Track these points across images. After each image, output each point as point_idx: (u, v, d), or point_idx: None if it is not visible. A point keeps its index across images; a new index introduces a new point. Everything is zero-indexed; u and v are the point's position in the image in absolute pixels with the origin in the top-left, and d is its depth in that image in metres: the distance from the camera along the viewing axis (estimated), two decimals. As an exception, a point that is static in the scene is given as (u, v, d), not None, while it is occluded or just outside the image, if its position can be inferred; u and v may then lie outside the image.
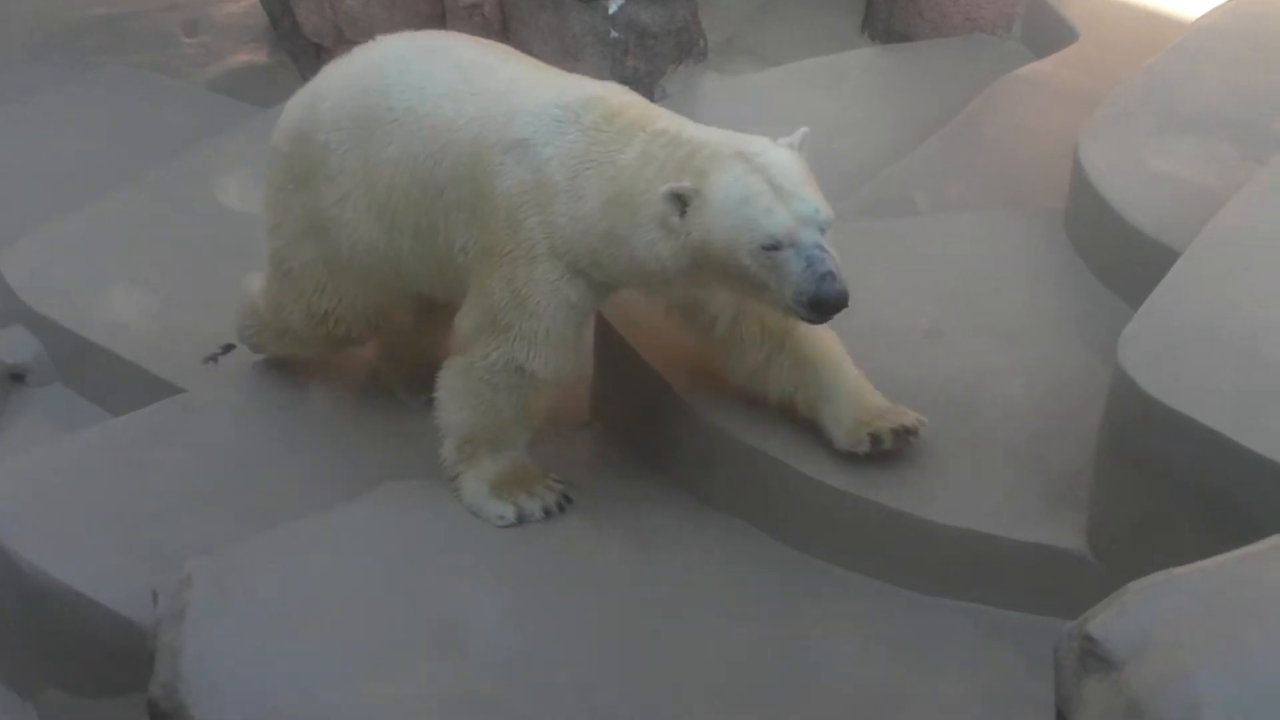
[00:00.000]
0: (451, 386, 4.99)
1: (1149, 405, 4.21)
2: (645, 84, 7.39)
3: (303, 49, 8.87)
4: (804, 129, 4.61)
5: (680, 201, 4.40)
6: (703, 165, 4.43)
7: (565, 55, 7.36)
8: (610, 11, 7.31)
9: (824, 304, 4.34)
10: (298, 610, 4.71)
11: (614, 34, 7.28)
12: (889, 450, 4.81)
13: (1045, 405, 5.10)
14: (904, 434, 4.82)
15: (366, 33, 7.76)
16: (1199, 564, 2.92)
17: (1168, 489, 4.27)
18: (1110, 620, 2.82)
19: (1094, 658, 2.78)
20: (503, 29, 7.75)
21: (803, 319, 4.50)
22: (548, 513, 4.99)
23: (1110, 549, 4.52)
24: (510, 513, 4.97)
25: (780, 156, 4.46)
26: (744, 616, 4.76)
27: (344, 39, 8.37)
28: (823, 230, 4.37)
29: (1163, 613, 2.77)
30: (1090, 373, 4.98)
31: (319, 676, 4.45)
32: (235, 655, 4.53)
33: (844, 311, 4.42)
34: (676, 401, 5.17)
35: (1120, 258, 5.60)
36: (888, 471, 4.83)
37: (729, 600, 4.83)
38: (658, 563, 4.93)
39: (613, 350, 5.37)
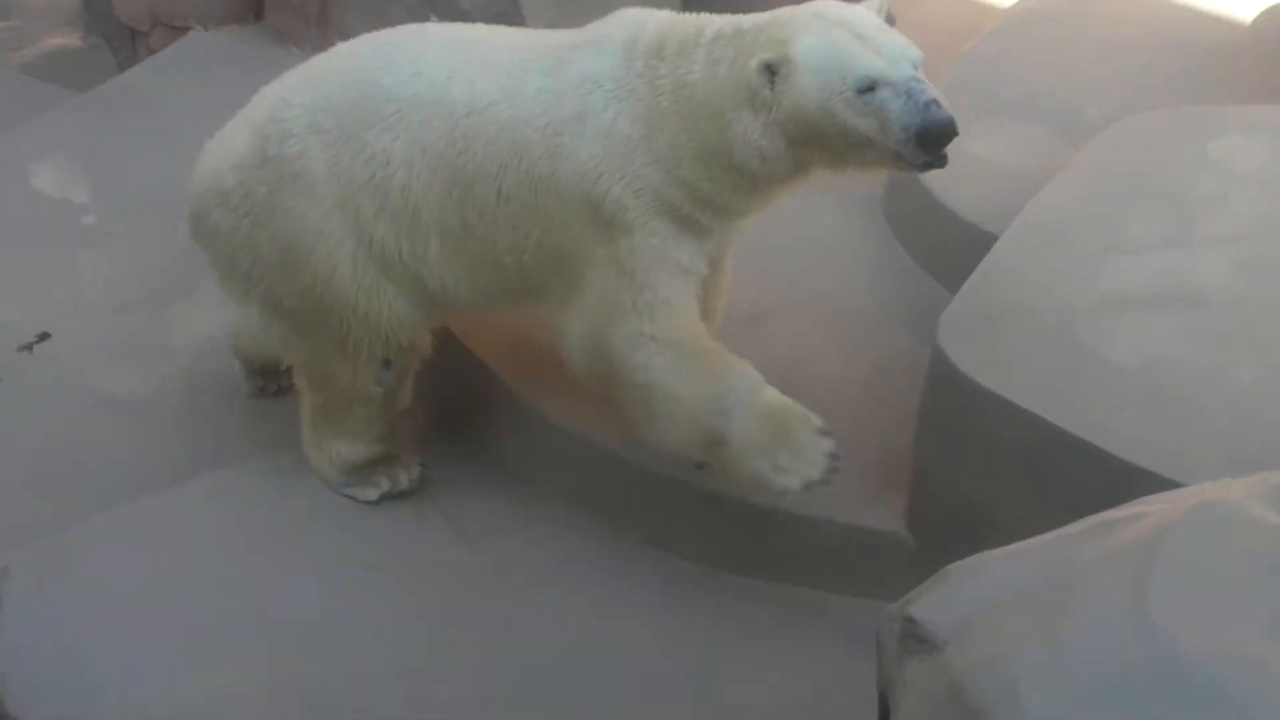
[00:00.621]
0: (637, 417, 4.59)
1: (967, 387, 4.28)
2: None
3: (117, 32, 8.71)
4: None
5: (769, 72, 4.18)
6: (781, 34, 4.21)
7: (385, 40, 7.31)
8: (430, -6, 7.26)
9: (932, 132, 4.06)
10: (117, 602, 4.64)
11: (433, 18, 7.23)
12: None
13: (865, 388, 5.16)
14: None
15: (181, 17, 7.69)
16: (1017, 545, 2.96)
17: (986, 470, 4.35)
18: (931, 602, 2.86)
19: (915, 640, 2.81)
20: (322, 13, 7.68)
21: (915, 164, 4.19)
22: (833, 470, 4.42)
23: (930, 531, 4.60)
24: (795, 483, 4.43)
25: (861, 12, 4.25)
26: (566, 604, 4.77)
27: (160, 23, 8.25)
28: (915, 66, 4.14)
29: (982, 593, 2.81)
30: (909, 355, 5.05)
31: (139, 668, 4.40)
32: (53, 649, 4.46)
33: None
34: (500, 388, 5.16)
35: (938, 242, 5.68)
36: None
37: (551, 587, 4.83)
38: (480, 551, 4.93)
39: (437, 337, 5.33)
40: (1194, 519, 2.83)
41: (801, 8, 4.28)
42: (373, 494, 5.06)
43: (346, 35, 4.96)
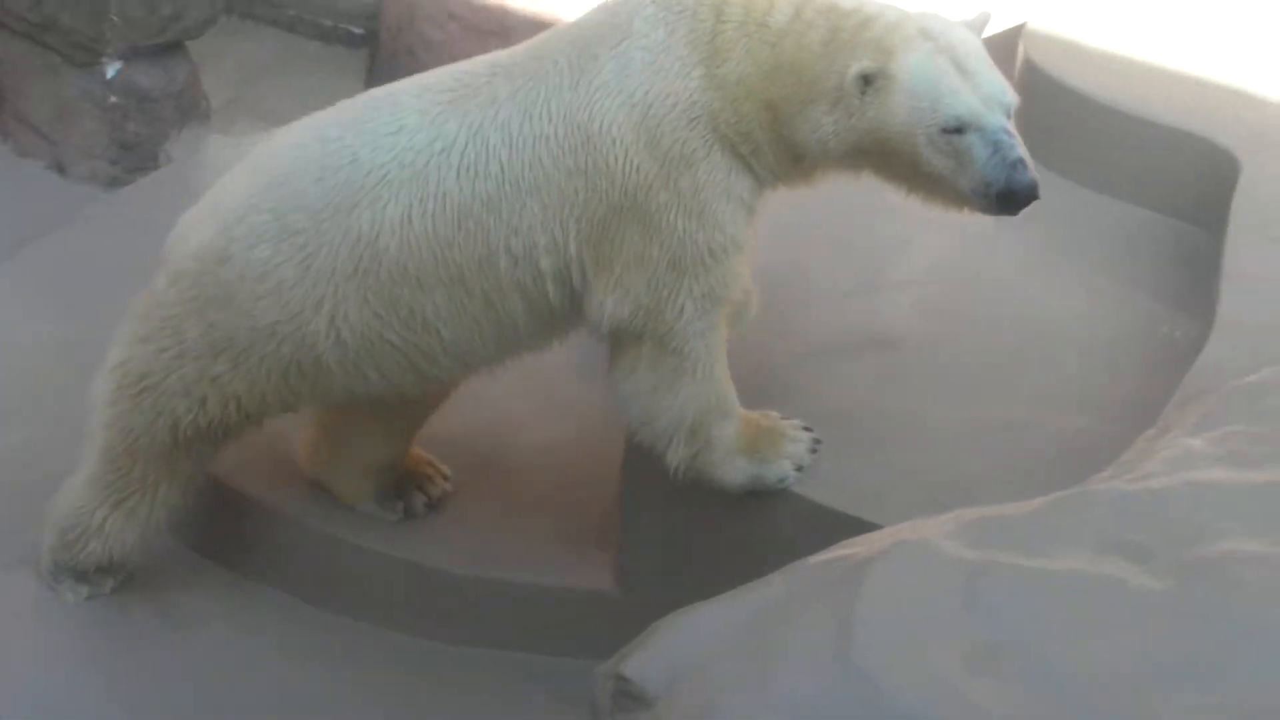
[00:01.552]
0: (645, 387, 4.26)
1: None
2: (148, 149, 7.24)
3: None
4: (985, 11, 4.26)
5: (864, 81, 3.95)
6: (887, 42, 3.97)
7: (62, 121, 7.17)
8: (107, 76, 7.12)
9: (1014, 196, 3.92)
10: None
11: (112, 99, 7.10)
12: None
13: (574, 448, 5.18)
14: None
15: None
16: (724, 595, 3.03)
17: (691, 523, 4.42)
18: (641, 658, 2.90)
19: (628, 697, 2.85)
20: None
21: (982, 210, 4.03)
22: (813, 451, 4.33)
23: (640, 587, 4.63)
24: (789, 468, 4.29)
25: (965, 36, 4.05)
26: (272, 683, 4.71)
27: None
28: (1008, 114, 3.98)
29: (691, 647, 2.86)
30: (616, 414, 5.11)
31: None
32: None
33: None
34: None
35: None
36: (416, 529, 4.88)
37: (258, 669, 4.76)
38: (189, 638, 4.86)
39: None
40: (892, 559, 2.92)
41: (909, 17, 4.05)
42: (105, 589, 4.91)
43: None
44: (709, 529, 4.37)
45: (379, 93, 4.44)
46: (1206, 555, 3.13)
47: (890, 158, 4.07)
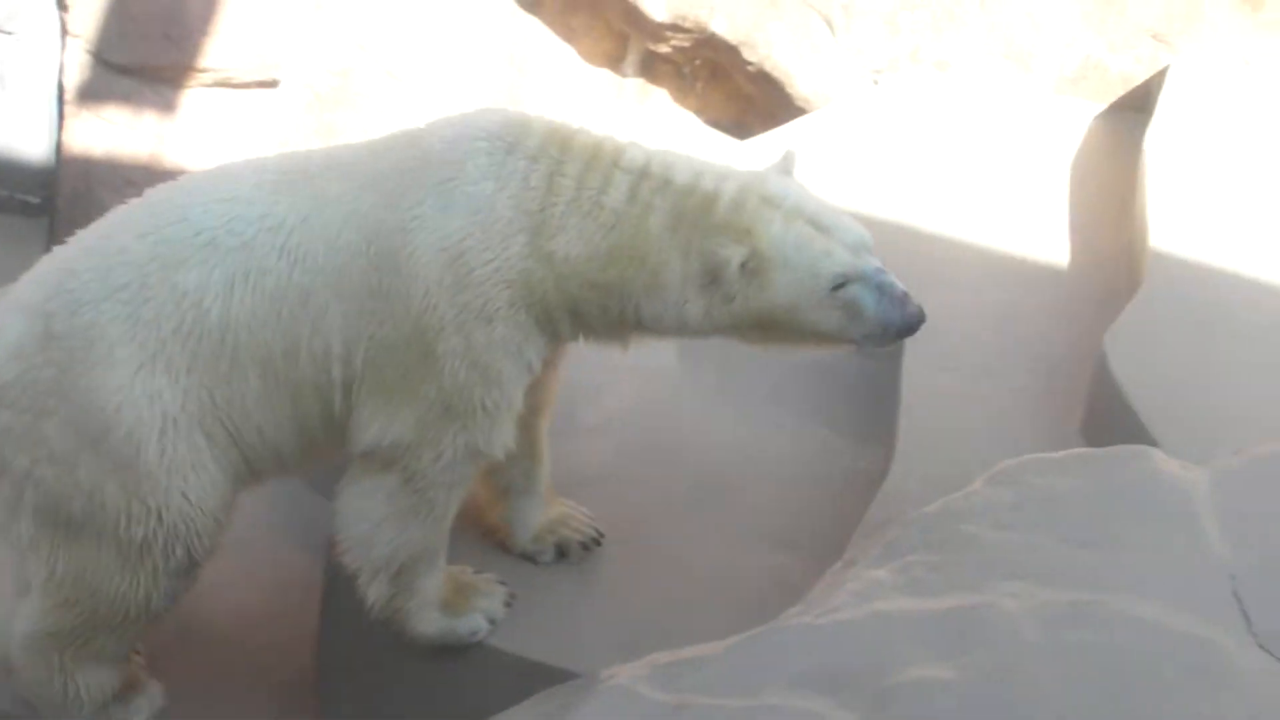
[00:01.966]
0: (375, 515, 4.16)
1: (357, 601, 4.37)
2: None
3: None
4: (788, 149, 4.31)
5: (742, 268, 3.96)
6: (740, 222, 3.97)
7: None
8: None
9: (911, 329, 4.05)
10: None
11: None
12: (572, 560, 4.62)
13: (269, 613, 5.16)
14: (592, 544, 4.63)
15: None
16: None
17: (390, 685, 4.43)
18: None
19: None
20: None
21: (872, 346, 4.15)
22: (508, 605, 4.36)
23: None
24: (481, 622, 4.30)
25: (798, 188, 4.10)
26: None
27: None
28: (870, 250, 4.04)
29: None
30: (309, 572, 5.09)
31: None
32: None
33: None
34: None
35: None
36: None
37: None
38: None
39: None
40: (591, 707, 2.98)
41: (745, 186, 4.03)
42: (141, 715, 4.53)
43: None
44: (410, 688, 4.38)
45: (211, 169, 4.36)
46: (897, 684, 3.26)
47: (779, 330, 4.09)
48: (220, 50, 7.31)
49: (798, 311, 4.00)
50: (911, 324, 4.02)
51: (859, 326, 4.02)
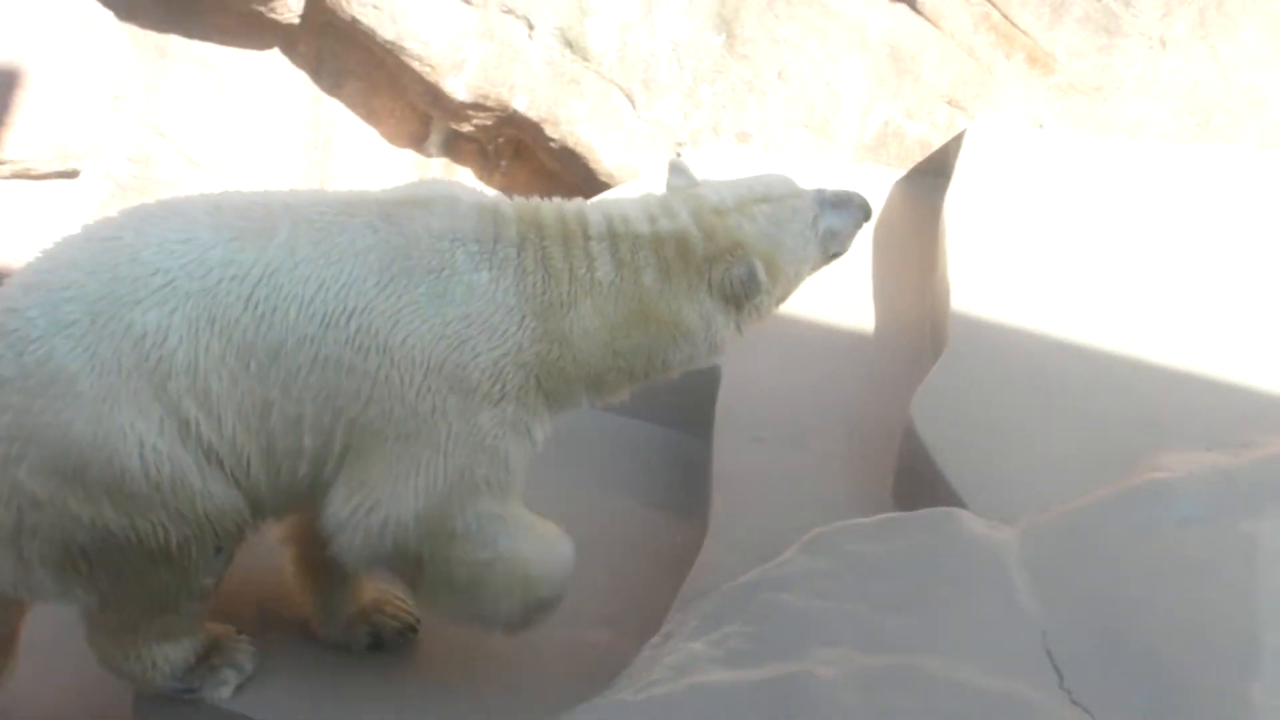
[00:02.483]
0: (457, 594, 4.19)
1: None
2: None
3: None
4: (672, 160, 4.47)
5: (758, 279, 4.15)
6: (722, 244, 4.14)
7: None
8: None
9: (865, 206, 4.41)
10: None
11: None
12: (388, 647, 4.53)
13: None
14: (409, 631, 4.55)
15: None
16: None
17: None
18: None
19: None
20: None
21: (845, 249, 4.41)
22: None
23: None
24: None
25: (716, 186, 4.30)
26: None
27: None
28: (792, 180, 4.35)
29: None
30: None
31: None
32: None
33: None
34: None
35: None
36: None
37: None
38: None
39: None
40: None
41: (697, 213, 4.19)
42: (226, 691, 4.38)
43: None
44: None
45: (156, 205, 4.14)
46: (715, 757, 3.31)
47: (784, 301, 4.37)
48: (18, 141, 7.21)
49: (803, 272, 4.32)
50: (863, 205, 4.39)
51: (840, 242, 4.36)
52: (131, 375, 3.86)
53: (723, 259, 4.11)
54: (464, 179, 7.11)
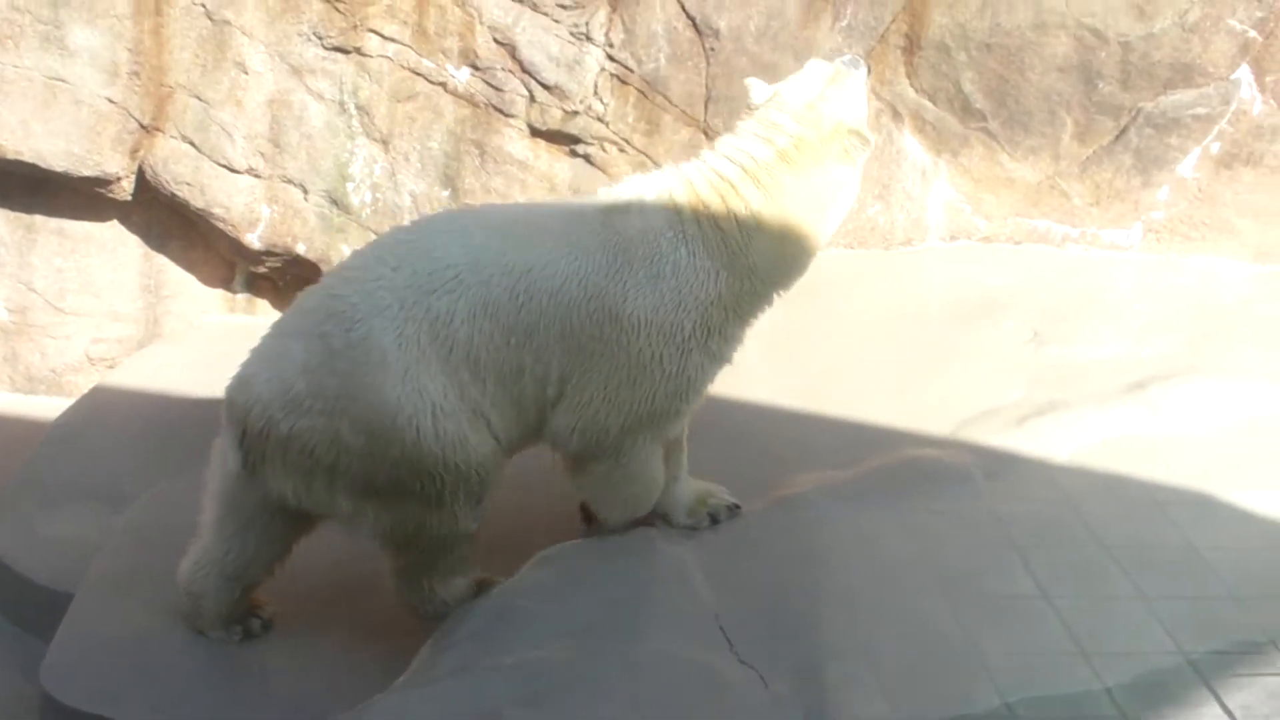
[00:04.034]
0: (607, 496, 4.39)
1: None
2: None
3: None
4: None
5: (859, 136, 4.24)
6: (826, 124, 4.22)
7: None
8: None
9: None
10: None
11: None
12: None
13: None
14: (735, 509, 4.54)
15: None
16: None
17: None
18: None
19: None
20: None
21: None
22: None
23: None
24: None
25: (785, 87, 4.33)
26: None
27: None
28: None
29: None
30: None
31: None
32: None
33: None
34: None
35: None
36: None
37: None
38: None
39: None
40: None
41: (783, 117, 4.25)
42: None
43: None
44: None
45: (443, 216, 4.55)
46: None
47: None
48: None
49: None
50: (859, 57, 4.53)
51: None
52: (426, 350, 4.02)
53: (833, 138, 4.20)
54: (264, 308, 7.10)
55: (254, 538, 4.31)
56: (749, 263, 4.17)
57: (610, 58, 6.59)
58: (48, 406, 6.63)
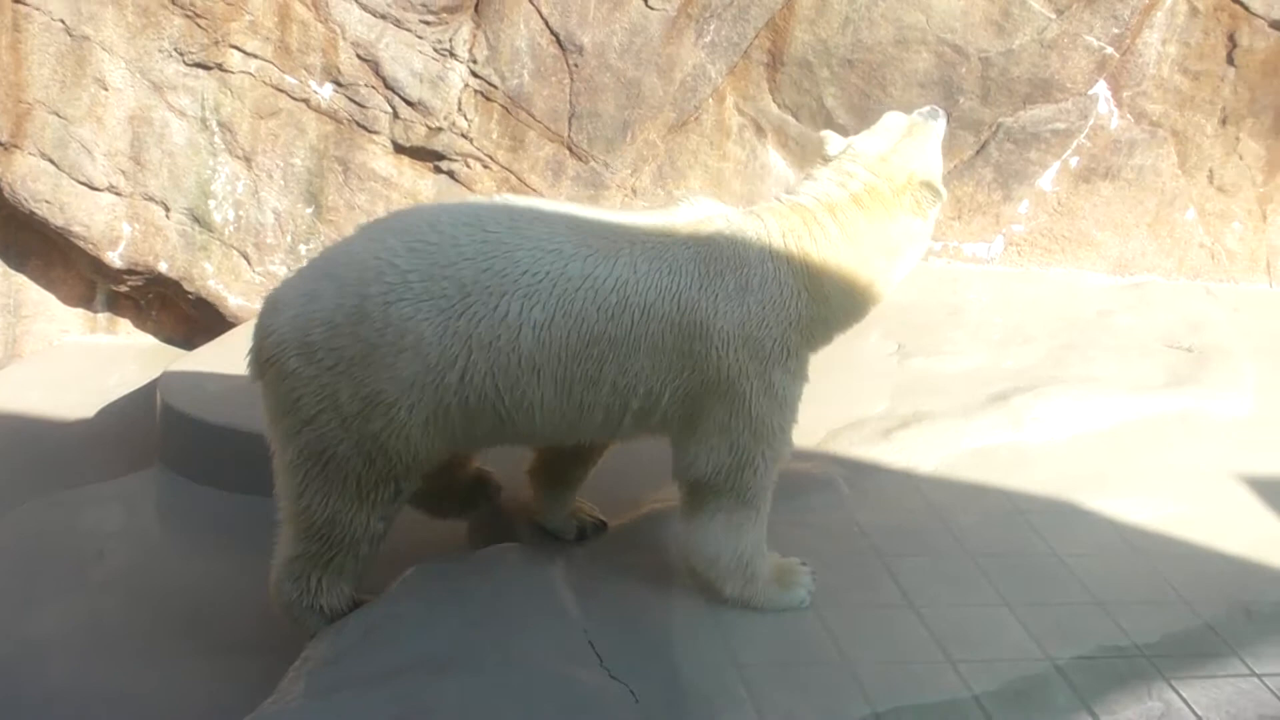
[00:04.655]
0: (723, 540, 4.10)
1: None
2: None
3: None
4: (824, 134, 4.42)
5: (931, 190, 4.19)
6: (899, 175, 4.18)
7: None
8: None
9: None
10: None
11: None
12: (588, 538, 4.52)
13: None
14: (601, 527, 4.52)
15: None
16: None
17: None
18: None
19: None
20: None
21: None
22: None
23: None
24: (804, 594, 4.20)
25: (863, 139, 4.29)
26: None
27: None
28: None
29: None
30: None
31: None
32: None
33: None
34: None
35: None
36: None
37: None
38: None
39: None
40: None
41: (858, 166, 4.21)
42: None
43: None
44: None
45: (529, 209, 4.14)
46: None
47: None
48: None
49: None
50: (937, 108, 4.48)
51: None
52: (474, 349, 3.91)
53: (905, 189, 4.17)
54: (125, 327, 6.97)
55: None
56: (825, 291, 4.15)
57: (474, 74, 6.56)
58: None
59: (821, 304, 4.13)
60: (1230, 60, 6.89)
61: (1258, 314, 6.80)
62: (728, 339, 4.01)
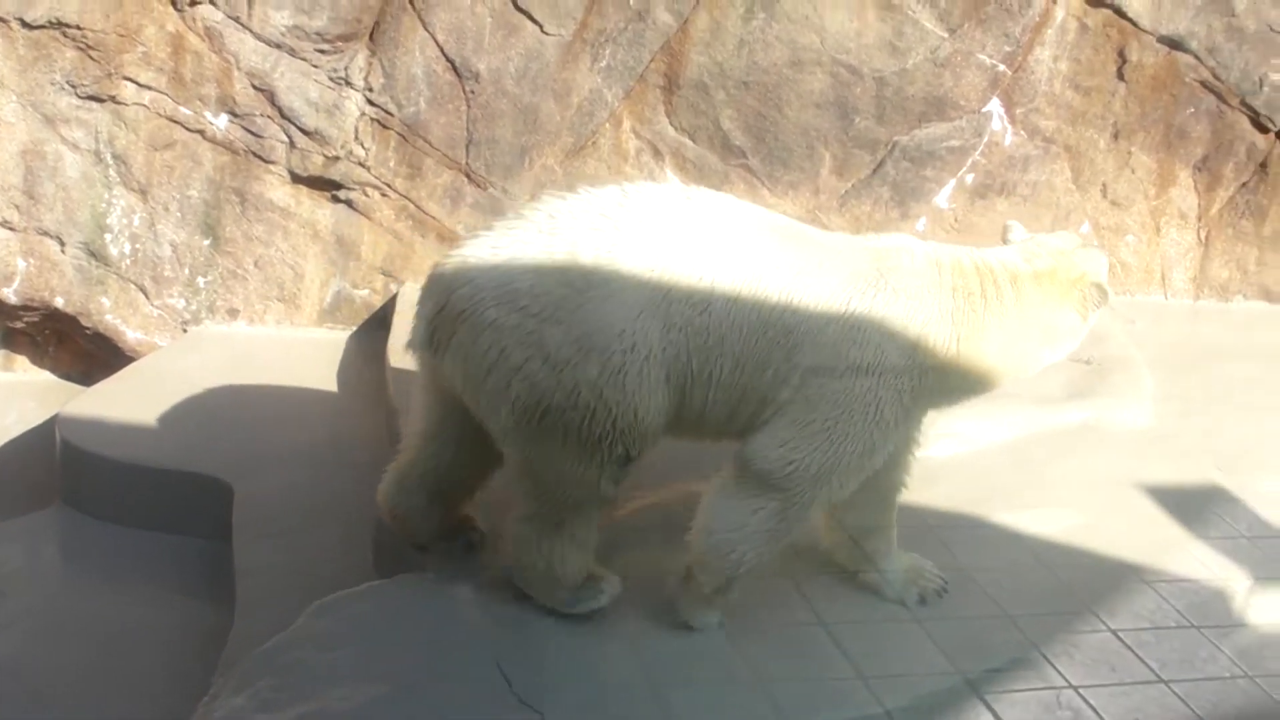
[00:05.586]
0: (746, 529, 4.06)
1: None
2: None
3: None
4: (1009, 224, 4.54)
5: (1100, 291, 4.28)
6: (1076, 271, 4.26)
7: None
8: None
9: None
10: None
11: None
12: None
13: None
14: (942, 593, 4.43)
15: None
16: None
17: None
18: None
19: None
20: None
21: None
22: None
23: None
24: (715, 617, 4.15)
25: (1045, 238, 4.39)
26: None
27: None
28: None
29: None
30: None
31: None
32: None
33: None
34: None
35: None
36: None
37: None
38: None
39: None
40: None
41: (1043, 251, 4.29)
42: (604, 599, 4.14)
43: None
44: None
45: (728, 210, 4.16)
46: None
47: None
48: None
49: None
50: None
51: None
52: (673, 303, 3.91)
53: (1078, 283, 4.23)
54: (22, 364, 6.84)
55: (449, 452, 4.27)
56: (979, 346, 4.18)
57: (370, 102, 6.49)
58: None
59: (970, 359, 4.18)
60: (1120, 75, 6.99)
61: (1154, 325, 6.91)
62: (865, 364, 4.04)
